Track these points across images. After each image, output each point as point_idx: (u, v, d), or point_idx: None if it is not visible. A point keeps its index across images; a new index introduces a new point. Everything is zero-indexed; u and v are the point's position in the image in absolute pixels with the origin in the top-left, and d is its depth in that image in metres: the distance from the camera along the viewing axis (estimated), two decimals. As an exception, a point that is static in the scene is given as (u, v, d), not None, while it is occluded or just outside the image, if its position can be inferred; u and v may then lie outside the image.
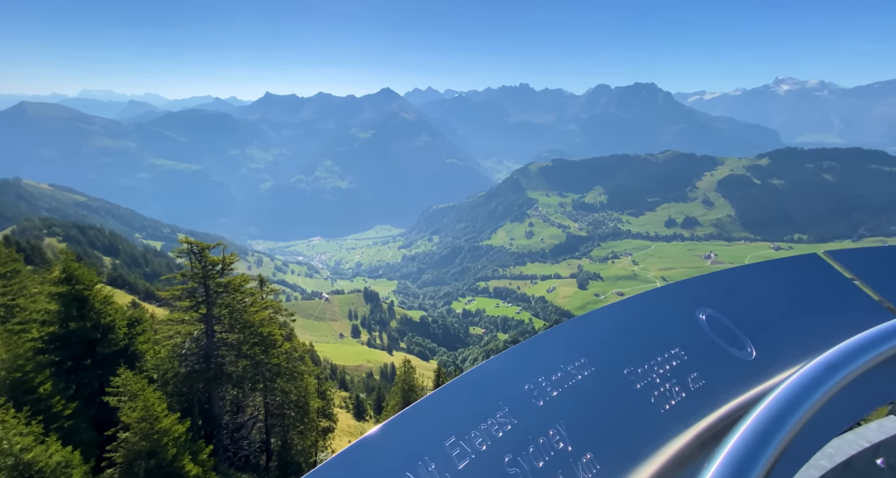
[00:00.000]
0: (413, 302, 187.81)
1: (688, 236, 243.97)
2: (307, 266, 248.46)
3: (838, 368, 0.91)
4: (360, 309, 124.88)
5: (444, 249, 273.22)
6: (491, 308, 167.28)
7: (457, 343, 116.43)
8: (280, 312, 18.65)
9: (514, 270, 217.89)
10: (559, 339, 1.04)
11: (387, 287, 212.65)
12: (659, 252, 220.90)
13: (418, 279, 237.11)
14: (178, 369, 14.26)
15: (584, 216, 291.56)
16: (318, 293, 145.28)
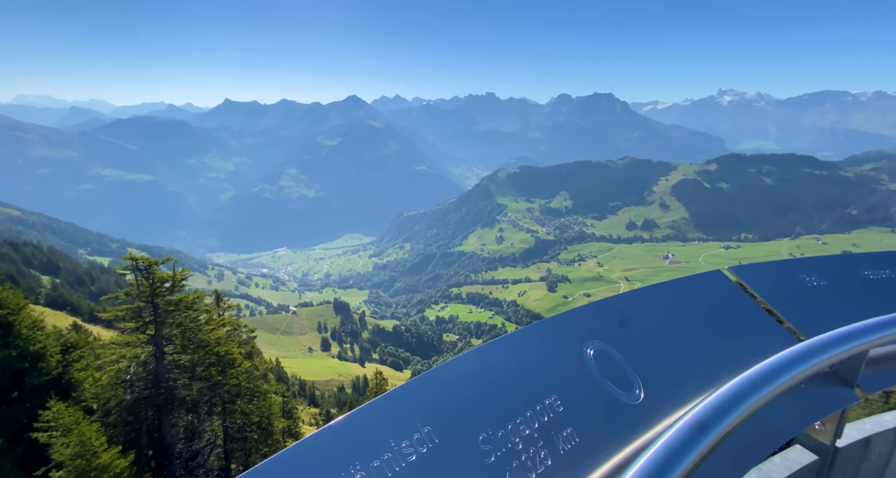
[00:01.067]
0: (385, 311, 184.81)
1: (647, 238, 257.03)
2: (272, 279, 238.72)
3: (731, 407, 0.84)
4: (329, 321, 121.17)
5: (416, 257, 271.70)
6: (464, 314, 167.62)
7: (431, 351, 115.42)
8: (239, 328, 17.69)
9: (486, 276, 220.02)
10: (397, 404, 0.81)
11: (358, 297, 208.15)
12: (622, 254, 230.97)
13: (390, 288, 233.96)
14: (123, 396, 13.10)
15: (551, 221, 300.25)
16: (284, 307, 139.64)
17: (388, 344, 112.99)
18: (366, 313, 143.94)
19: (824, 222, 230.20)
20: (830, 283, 1.50)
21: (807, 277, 1.50)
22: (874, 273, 1.54)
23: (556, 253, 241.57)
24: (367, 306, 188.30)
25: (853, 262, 1.60)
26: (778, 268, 1.56)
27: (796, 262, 1.59)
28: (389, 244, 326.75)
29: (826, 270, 1.54)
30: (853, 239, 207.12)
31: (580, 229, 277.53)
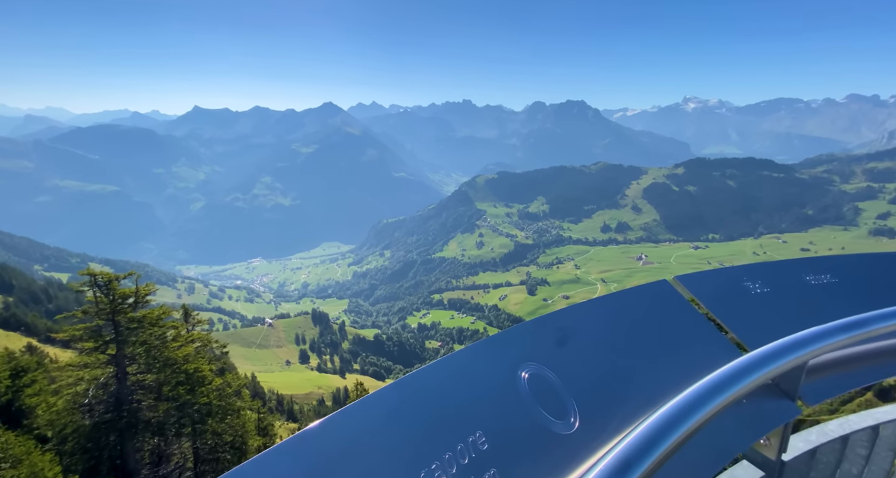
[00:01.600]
0: (366, 320, 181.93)
1: (621, 240, 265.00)
2: (247, 290, 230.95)
3: (670, 428, 0.80)
4: (308, 332, 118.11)
5: (396, 264, 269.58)
6: (446, 320, 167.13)
7: (413, 359, 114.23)
8: (210, 344, 17.01)
9: (467, 281, 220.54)
10: (287, 460, 0.70)
11: (337, 307, 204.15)
12: (597, 256, 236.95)
13: (371, 296, 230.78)
14: (81, 421, 12.31)
15: (530, 225, 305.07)
16: (260, 319, 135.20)
17: (369, 354, 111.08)
18: (345, 323, 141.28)
19: (783, 222, 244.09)
20: (774, 290, 1.49)
21: (751, 284, 1.49)
22: (815, 278, 1.53)
23: (535, 257, 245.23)
24: (346, 316, 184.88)
25: (795, 268, 1.59)
26: (723, 276, 1.53)
27: (741, 269, 1.58)
28: (369, 252, 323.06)
29: (770, 276, 1.54)
30: (810, 237, 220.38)
31: (557, 233, 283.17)
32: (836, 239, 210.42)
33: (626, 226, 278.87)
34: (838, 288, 1.53)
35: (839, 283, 1.49)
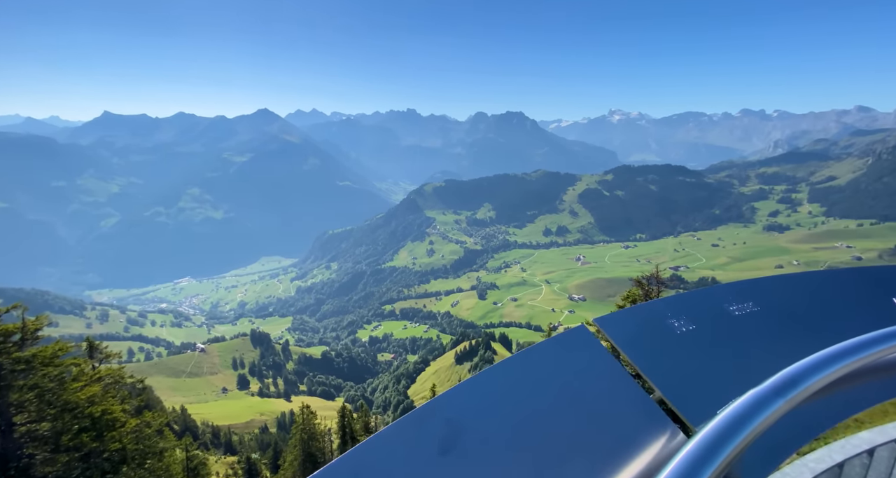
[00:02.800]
0: (313, 338, 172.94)
1: (561, 242, 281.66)
2: (174, 314, 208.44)
3: None
4: (247, 355, 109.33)
5: (344, 276, 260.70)
6: (399, 331, 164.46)
7: (365, 374, 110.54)
8: (123, 380, 15.10)
9: (418, 289, 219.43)
10: None
11: (280, 325, 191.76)
12: (541, 258, 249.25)
13: (317, 312, 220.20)
14: (-52, 490, 10.22)
15: (478, 231, 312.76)
16: (190, 345, 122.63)
17: (317, 373, 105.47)
18: (290, 342, 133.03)
19: (697, 221, 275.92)
20: (699, 327, 1.38)
21: (675, 321, 1.39)
22: (739, 308, 1.45)
23: (485, 262, 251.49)
24: (291, 335, 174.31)
25: (716, 296, 1.50)
26: (644, 314, 1.41)
27: (662, 303, 1.46)
28: (314, 265, 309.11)
29: (692, 310, 1.43)
30: (718, 234, 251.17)
31: (504, 238, 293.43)
32: (738, 235, 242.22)
33: (565, 229, 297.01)
34: (762, 318, 1.45)
35: (761, 312, 1.43)
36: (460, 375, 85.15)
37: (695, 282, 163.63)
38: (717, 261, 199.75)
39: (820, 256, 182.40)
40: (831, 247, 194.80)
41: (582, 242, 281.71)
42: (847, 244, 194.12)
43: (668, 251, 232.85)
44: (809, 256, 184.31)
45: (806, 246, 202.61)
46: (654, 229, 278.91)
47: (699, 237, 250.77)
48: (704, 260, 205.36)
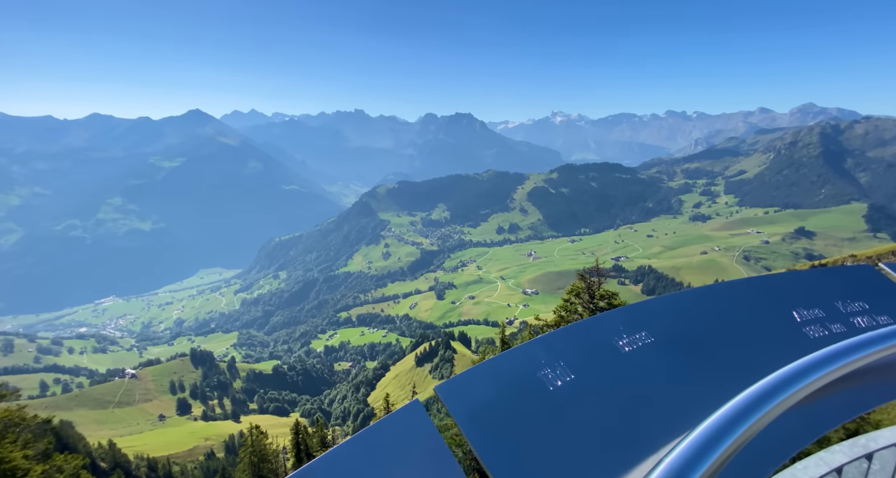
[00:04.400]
0: (262, 352, 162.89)
1: (514, 239, 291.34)
2: (96, 338, 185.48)
3: None
4: (187, 377, 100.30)
5: (294, 285, 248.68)
6: (356, 338, 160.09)
7: (322, 385, 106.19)
8: (22, 422, 13.10)
9: (375, 294, 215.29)
10: None
11: (224, 342, 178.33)
12: (495, 256, 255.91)
13: (266, 325, 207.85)
14: None
15: (433, 232, 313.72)
16: (118, 371, 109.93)
17: (268, 389, 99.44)
18: (236, 359, 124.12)
19: (633, 214, 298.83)
20: (578, 376, 1.06)
21: (548, 371, 1.06)
22: (629, 341, 1.16)
23: (441, 262, 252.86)
24: (237, 351, 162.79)
25: (603, 326, 1.19)
26: (508, 368, 1.09)
27: (535, 346, 1.12)
28: (260, 275, 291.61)
29: (572, 350, 1.11)
30: (652, 225, 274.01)
31: (459, 238, 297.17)
32: (669, 225, 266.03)
33: (516, 226, 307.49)
34: (656, 352, 1.16)
35: (654, 343, 1.16)
36: (422, 376, 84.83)
37: (633, 271, 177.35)
38: (652, 250, 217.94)
39: (735, 242, 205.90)
40: (744, 233, 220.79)
41: (533, 238, 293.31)
42: (757, 230, 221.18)
43: (610, 243, 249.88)
44: (727, 242, 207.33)
45: (724, 233, 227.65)
46: (596, 223, 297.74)
47: (636, 229, 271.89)
48: (641, 250, 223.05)
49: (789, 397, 0.88)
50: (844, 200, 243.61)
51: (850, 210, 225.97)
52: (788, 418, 0.82)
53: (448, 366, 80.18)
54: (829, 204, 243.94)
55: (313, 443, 29.64)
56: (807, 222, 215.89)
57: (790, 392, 0.88)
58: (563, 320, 13.42)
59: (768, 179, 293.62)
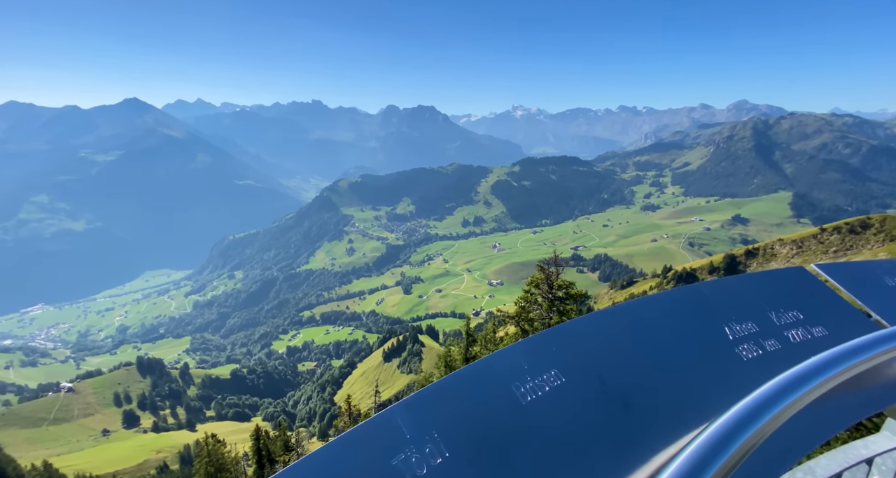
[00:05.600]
0: (218, 357, 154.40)
1: (479, 232, 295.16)
2: (24, 351, 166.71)
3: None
4: (134, 387, 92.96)
5: (252, 285, 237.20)
6: (320, 337, 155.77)
7: (285, 387, 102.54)
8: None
9: (340, 291, 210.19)
10: None
11: (175, 348, 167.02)
12: (461, 249, 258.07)
13: (222, 327, 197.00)
14: None
15: (399, 226, 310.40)
16: (52, 385, 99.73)
17: (226, 394, 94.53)
18: (189, 366, 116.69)
19: (590, 205, 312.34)
20: None
21: None
22: (532, 387, 0.98)
23: (408, 256, 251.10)
24: (190, 357, 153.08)
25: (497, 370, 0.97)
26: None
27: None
28: (213, 276, 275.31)
29: None
30: (607, 216, 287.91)
31: (425, 231, 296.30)
32: (623, 215, 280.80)
33: (481, 219, 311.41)
34: (566, 399, 1.03)
35: (564, 386, 0.97)
36: (390, 372, 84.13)
37: (591, 259, 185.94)
38: (608, 239, 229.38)
39: (682, 229, 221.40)
40: (689, 221, 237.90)
41: (497, 230, 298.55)
42: (700, 218, 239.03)
43: (569, 233, 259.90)
44: (674, 230, 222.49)
45: (672, 222, 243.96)
46: (556, 215, 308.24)
47: (592, 219, 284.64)
48: (598, 239, 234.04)
49: (780, 412, 0.83)
50: (773, 189, 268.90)
51: (777, 198, 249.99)
52: (784, 428, 0.80)
53: (416, 360, 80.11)
54: (761, 193, 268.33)
55: (276, 447, 28.39)
56: (742, 210, 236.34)
57: (779, 408, 0.83)
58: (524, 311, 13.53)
59: (709, 171, 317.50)
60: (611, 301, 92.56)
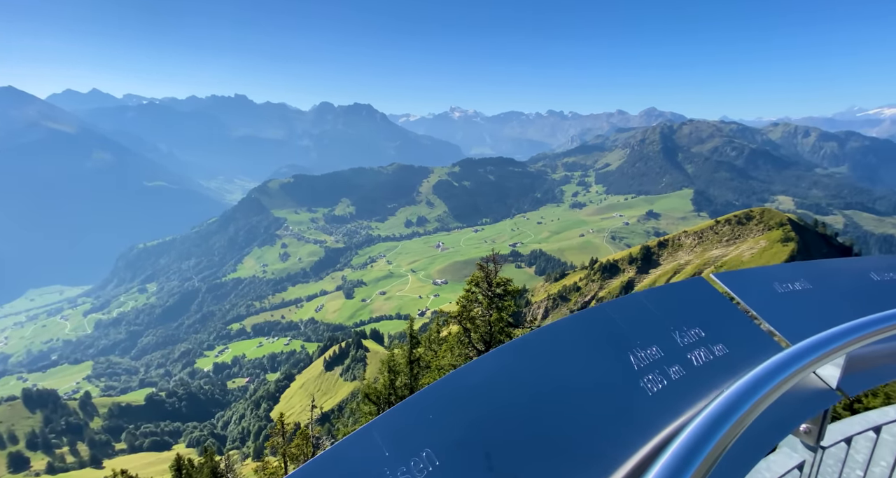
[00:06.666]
0: (129, 381, 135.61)
1: (422, 232, 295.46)
2: None
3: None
4: (20, 425, 77.94)
5: (169, 298, 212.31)
6: (253, 350, 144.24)
7: (213, 408, 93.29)
8: None
9: (274, 299, 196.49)
10: None
11: (73, 376, 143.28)
12: (405, 249, 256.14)
13: (132, 348, 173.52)
14: None
15: (338, 228, 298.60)
16: None
17: (141, 423, 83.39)
18: (91, 395, 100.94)
19: (525, 204, 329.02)
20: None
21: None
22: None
23: (349, 260, 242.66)
24: (92, 384, 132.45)
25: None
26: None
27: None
28: (119, 291, 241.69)
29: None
30: (541, 213, 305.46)
31: (367, 233, 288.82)
32: (554, 213, 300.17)
33: (424, 219, 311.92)
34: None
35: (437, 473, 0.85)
36: (332, 381, 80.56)
37: (528, 255, 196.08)
38: (542, 235, 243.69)
39: (605, 225, 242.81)
40: (611, 217, 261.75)
41: (440, 229, 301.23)
42: (620, 214, 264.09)
43: (508, 231, 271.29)
44: (599, 225, 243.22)
45: (596, 218, 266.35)
46: (495, 213, 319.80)
47: (528, 217, 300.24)
48: (533, 236, 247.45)
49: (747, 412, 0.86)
50: (678, 186, 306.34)
51: (682, 195, 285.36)
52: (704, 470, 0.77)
53: (361, 366, 77.70)
54: (668, 190, 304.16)
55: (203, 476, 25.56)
56: (654, 206, 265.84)
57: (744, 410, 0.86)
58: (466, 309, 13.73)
59: (626, 171, 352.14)
60: (546, 293, 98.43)
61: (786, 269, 1.56)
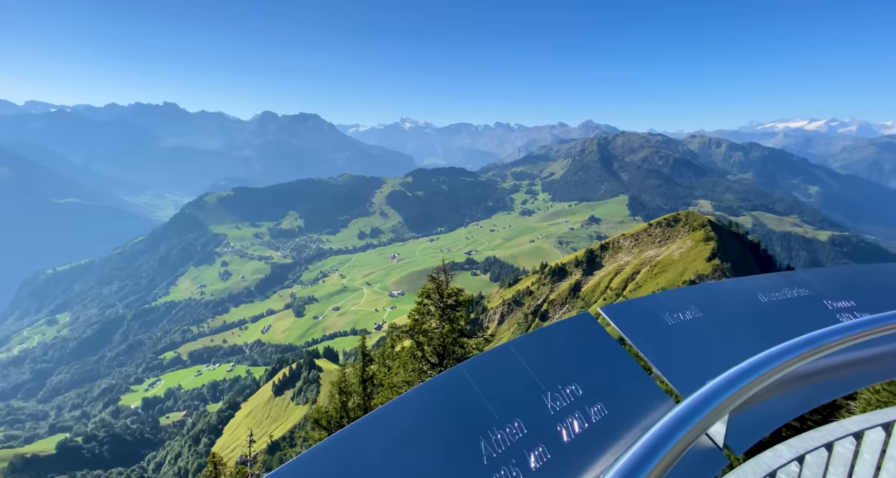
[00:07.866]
0: (36, 428, 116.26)
1: (377, 243, 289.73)
2: None
3: None
4: None
5: (85, 329, 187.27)
6: (190, 380, 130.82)
7: (142, 449, 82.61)
8: None
9: (214, 323, 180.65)
10: None
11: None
12: (359, 262, 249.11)
13: (39, 389, 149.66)
14: None
15: (286, 243, 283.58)
16: None
17: (52, 474, 71.44)
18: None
19: (478, 213, 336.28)
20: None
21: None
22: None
23: (298, 275, 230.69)
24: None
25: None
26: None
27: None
28: (21, 324, 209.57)
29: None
30: (493, 221, 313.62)
31: (318, 247, 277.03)
32: (505, 220, 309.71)
33: (378, 230, 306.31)
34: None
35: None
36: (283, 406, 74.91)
37: (482, 262, 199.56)
38: (495, 242, 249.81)
39: (552, 230, 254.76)
40: (557, 223, 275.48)
41: (395, 240, 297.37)
42: (565, 220, 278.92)
43: (462, 239, 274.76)
44: (547, 231, 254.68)
45: (544, 224, 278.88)
46: (449, 222, 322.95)
47: (481, 225, 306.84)
48: (487, 243, 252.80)
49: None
50: (615, 193, 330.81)
51: (619, 201, 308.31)
52: None
53: (314, 388, 73.21)
54: (607, 197, 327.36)
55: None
56: (595, 211, 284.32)
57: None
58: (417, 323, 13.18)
59: (569, 179, 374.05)
60: (501, 299, 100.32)
61: (676, 296, 1.54)
